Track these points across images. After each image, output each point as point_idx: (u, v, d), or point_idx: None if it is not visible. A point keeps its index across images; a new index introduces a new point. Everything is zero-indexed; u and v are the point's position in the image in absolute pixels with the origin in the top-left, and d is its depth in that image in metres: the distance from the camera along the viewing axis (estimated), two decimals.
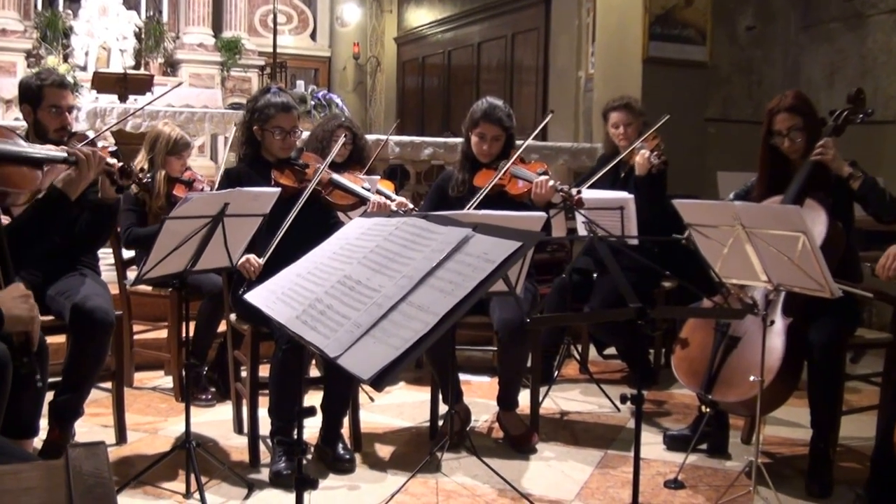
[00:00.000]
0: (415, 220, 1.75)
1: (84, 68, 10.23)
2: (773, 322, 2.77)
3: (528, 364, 3.34)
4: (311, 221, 3.14)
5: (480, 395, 3.95)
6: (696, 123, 5.90)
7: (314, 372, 3.87)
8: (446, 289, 1.41)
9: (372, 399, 3.85)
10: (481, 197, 3.33)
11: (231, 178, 3.13)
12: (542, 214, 2.96)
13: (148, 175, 3.19)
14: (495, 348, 3.66)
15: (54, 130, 2.95)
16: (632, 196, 3.80)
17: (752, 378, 2.68)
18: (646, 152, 3.91)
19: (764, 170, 3.06)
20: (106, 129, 4.61)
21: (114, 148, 3.05)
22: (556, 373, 4.11)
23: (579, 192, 3.33)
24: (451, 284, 1.42)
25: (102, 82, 7.53)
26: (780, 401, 2.83)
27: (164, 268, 2.60)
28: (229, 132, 5.20)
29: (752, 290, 2.86)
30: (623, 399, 2.26)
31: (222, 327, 3.67)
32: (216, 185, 3.36)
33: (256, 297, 1.89)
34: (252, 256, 2.96)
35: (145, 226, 3.81)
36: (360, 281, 1.60)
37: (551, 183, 3.31)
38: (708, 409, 2.92)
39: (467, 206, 3.26)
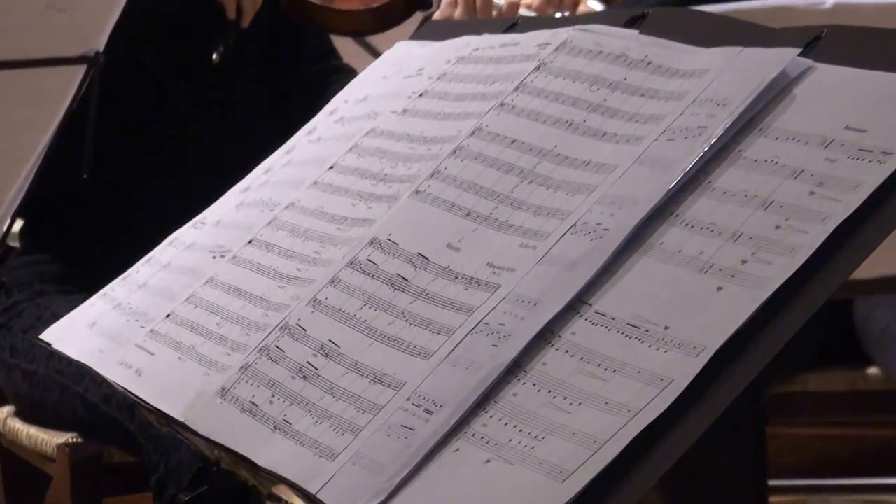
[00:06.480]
0: (599, 35, 1.47)
1: None
2: None
3: None
4: (250, 85, 2.87)
5: None
6: None
7: None
8: (727, 262, 1.14)
9: None
10: None
11: None
12: None
13: None
14: None
15: None
16: None
17: None
18: None
19: None
20: None
21: None
22: None
23: None
24: (734, 249, 1.13)
25: None
26: None
27: None
28: None
29: None
30: None
31: None
32: None
33: (83, 340, 1.68)
34: None
35: None
36: (428, 257, 1.36)
37: None
38: None
39: None
